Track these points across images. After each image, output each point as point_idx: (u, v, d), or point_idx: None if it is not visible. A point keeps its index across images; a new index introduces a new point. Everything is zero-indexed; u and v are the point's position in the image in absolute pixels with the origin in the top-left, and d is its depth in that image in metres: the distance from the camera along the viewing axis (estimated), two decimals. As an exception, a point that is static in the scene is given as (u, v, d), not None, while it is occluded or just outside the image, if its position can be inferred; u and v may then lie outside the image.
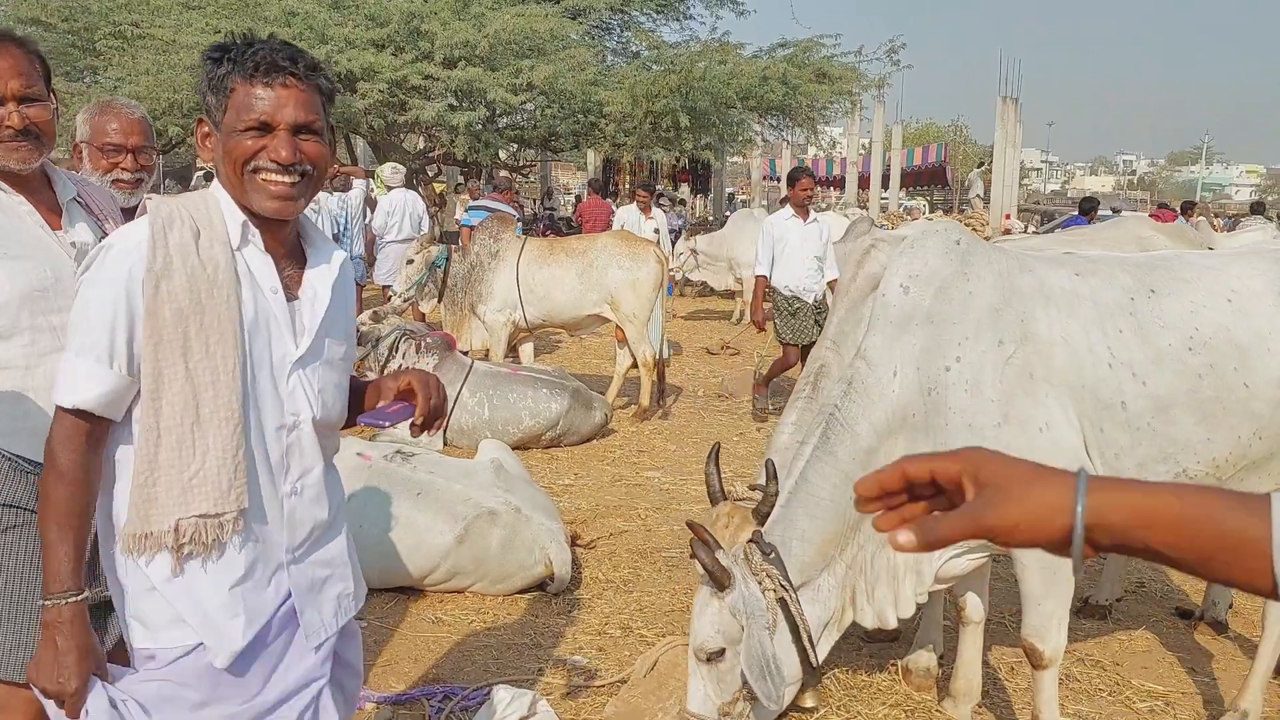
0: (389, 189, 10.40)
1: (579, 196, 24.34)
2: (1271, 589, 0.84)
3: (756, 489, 3.05)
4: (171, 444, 1.62)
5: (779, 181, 29.22)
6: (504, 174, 15.00)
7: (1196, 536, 0.86)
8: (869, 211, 20.88)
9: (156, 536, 1.63)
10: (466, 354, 6.96)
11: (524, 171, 20.98)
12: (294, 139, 1.65)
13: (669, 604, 4.20)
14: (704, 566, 2.65)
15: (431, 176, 17.55)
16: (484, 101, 14.41)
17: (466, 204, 12.40)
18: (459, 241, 9.70)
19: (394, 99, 14.09)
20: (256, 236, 1.71)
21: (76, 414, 1.62)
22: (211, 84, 1.66)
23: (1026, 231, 16.54)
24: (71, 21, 15.93)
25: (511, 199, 12.41)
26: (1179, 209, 16.93)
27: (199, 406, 1.62)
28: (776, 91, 15.54)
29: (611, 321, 7.48)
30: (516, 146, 17.76)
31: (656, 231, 11.16)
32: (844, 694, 3.48)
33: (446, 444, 6.24)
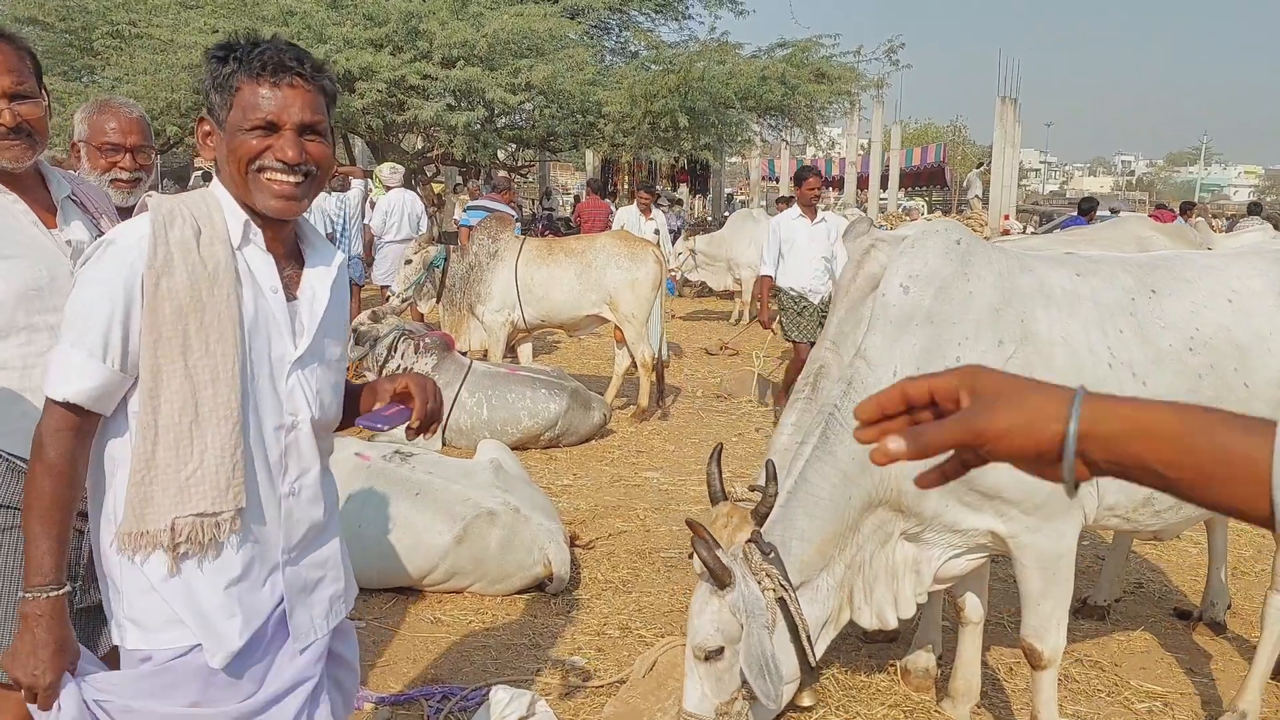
0: (387, 189, 10.38)
1: (577, 197, 24.32)
2: (1268, 516, 0.80)
3: (756, 489, 3.04)
4: (169, 442, 1.61)
5: (777, 182, 29.27)
6: (502, 174, 14.98)
7: (1194, 451, 0.82)
8: (867, 212, 20.90)
9: (152, 535, 1.62)
10: (465, 354, 6.95)
11: (522, 171, 20.95)
12: (300, 139, 1.65)
13: (668, 604, 4.20)
14: (704, 564, 2.65)
15: (430, 176, 17.53)
16: (482, 101, 14.41)
17: (465, 204, 12.39)
18: (457, 242, 9.70)
19: (392, 99, 14.07)
20: (259, 235, 1.71)
21: (66, 407, 1.61)
22: (216, 82, 1.65)
23: (1025, 232, 16.50)
24: (69, 21, 15.90)
25: (510, 199, 12.39)
26: (1178, 210, 16.86)
27: (198, 405, 1.62)
28: (775, 92, 15.52)
29: (610, 322, 7.47)
30: (515, 146, 17.74)
31: (656, 233, 11.12)
32: (843, 694, 3.48)
33: (445, 444, 6.23)
